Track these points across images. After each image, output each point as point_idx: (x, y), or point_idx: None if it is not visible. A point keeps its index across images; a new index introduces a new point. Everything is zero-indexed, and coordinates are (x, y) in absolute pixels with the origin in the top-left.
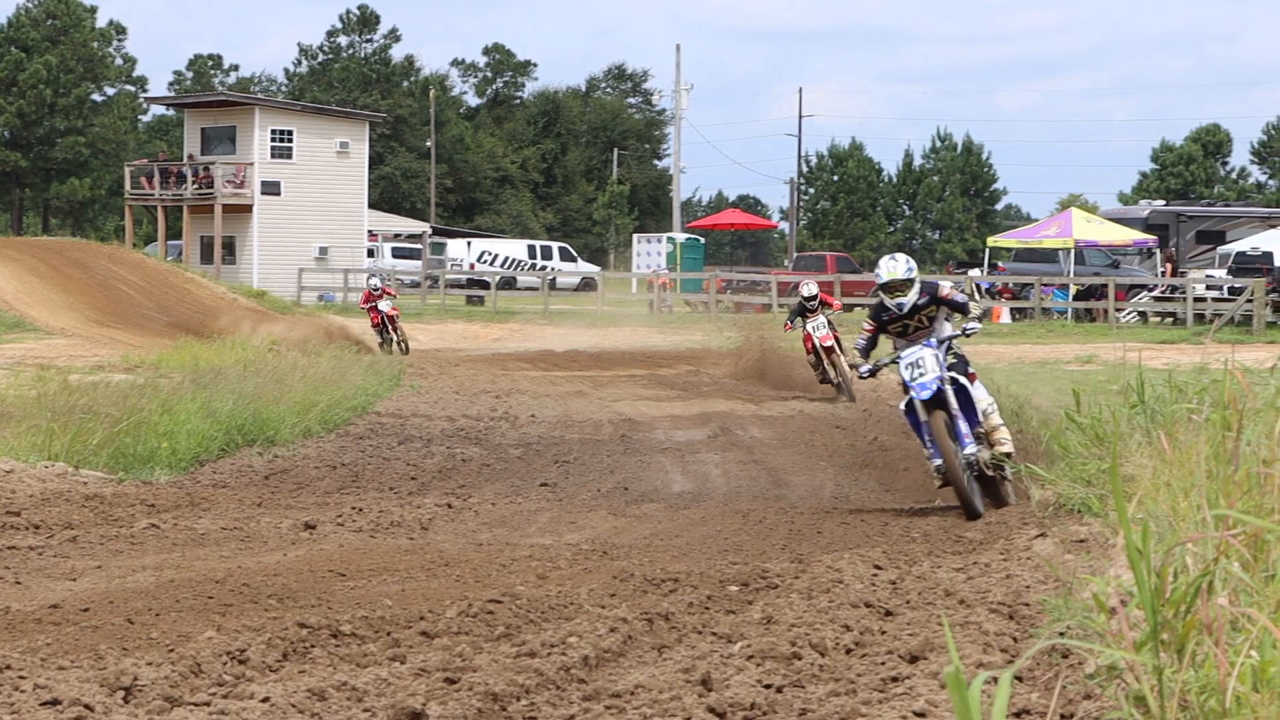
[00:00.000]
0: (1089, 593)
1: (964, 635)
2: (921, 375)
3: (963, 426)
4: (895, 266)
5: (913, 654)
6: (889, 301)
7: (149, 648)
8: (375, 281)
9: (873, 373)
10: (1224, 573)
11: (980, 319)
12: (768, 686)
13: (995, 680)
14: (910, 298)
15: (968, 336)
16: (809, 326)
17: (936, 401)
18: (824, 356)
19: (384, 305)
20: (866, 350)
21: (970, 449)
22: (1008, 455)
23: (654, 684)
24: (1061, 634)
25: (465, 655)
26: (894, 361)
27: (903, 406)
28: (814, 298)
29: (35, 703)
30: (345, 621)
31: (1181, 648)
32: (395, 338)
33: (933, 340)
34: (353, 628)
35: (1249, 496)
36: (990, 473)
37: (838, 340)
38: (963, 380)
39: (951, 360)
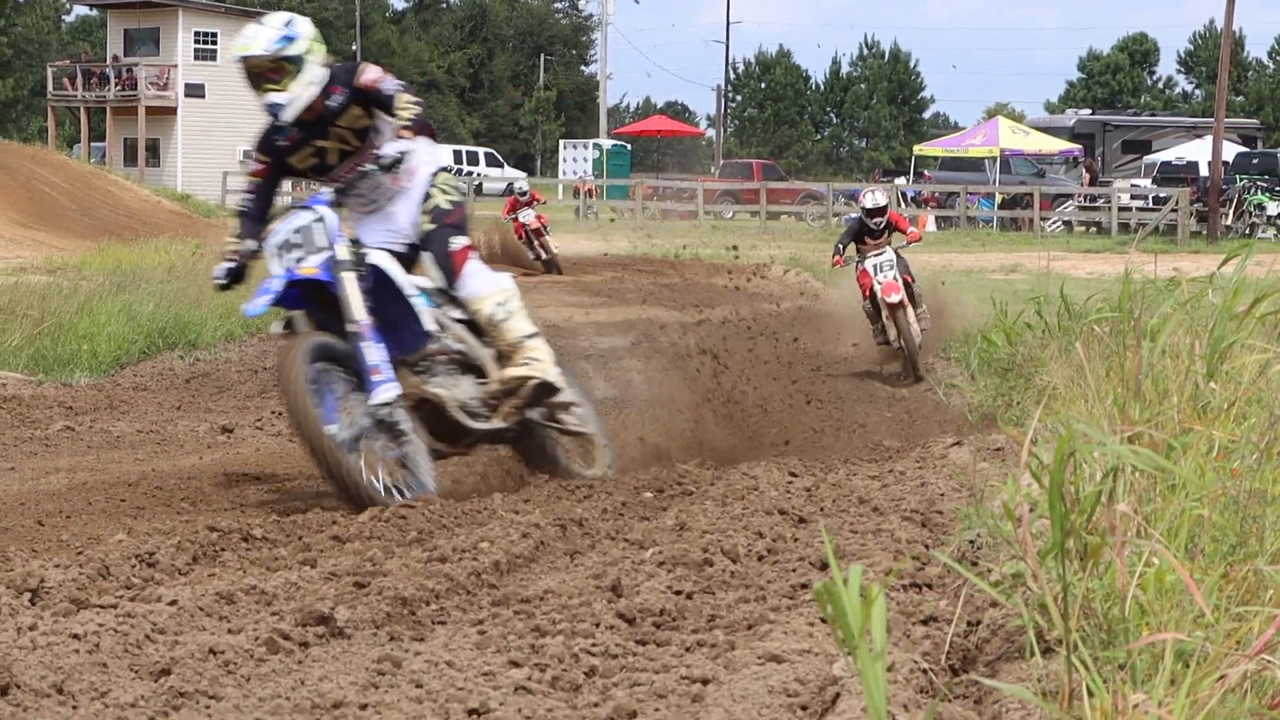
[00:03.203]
0: (999, 501)
1: (876, 542)
2: (299, 261)
3: (372, 355)
4: (255, 36)
5: (824, 561)
6: (264, 101)
7: (58, 550)
8: (521, 185)
9: (232, 277)
10: (1128, 480)
11: (410, 126)
12: (678, 593)
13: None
14: (299, 93)
15: (385, 170)
16: (869, 263)
17: (319, 304)
18: (886, 311)
19: (525, 216)
20: (256, 215)
21: (385, 393)
22: (534, 382)
23: (564, 589)
24: (972, 542)
25: (376, 560)
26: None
27: (277, 329)
28: (880, 212)
29: None
30: (257, 525)
31: (1085, 556)
32: (542, 255)
33: (323, 195)
34: (264, 532)
35: (1150, 407)
36: (502, 421)
37: (911, 287)
38: (386, 268)
39: (428, 228)
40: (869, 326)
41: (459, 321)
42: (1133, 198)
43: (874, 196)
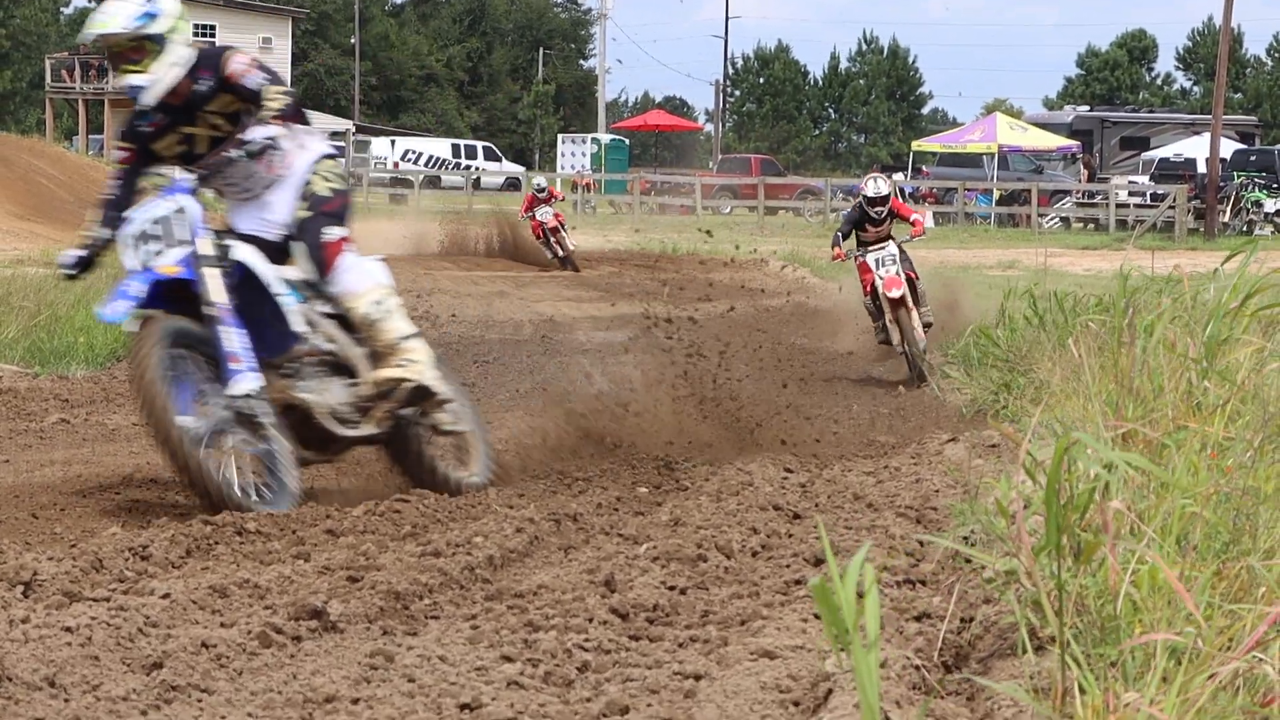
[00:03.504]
0: (993, 498)
1: (870, 538)
2: (158, 255)
3: (232, 341)
4: (113, 13)
5: (818, 557)
6: (123, 83)
7: (52, 543)
8: (539, 182)
9: (82, 265)
10: (1121, 477)
11: (281, 115)
12: (671, 588)
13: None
14: (161, 75)
15: (251, 157)
16: (870, 257)
17: (180, 303)
18: (888, 309)
19: (542, 214)
20: (118, 204)
21: (245, 383)
22: (409, 385)
23: (558, 585)
24: (966, 538)
25: (369, 554)
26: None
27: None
28: (882, 201)
29: None
30: (250, 519)
31: (1079, 553)
32: (559, 252)
33: (184, 183)
34: (258, 525)
35: (1142, 404)
36: (374, 427)
37: (915, 284)
38: (252, 264)
39: (302, 215)
40: (857, 325)
41: (329, 317)
42: (1130, 194)
43: (876, 185)
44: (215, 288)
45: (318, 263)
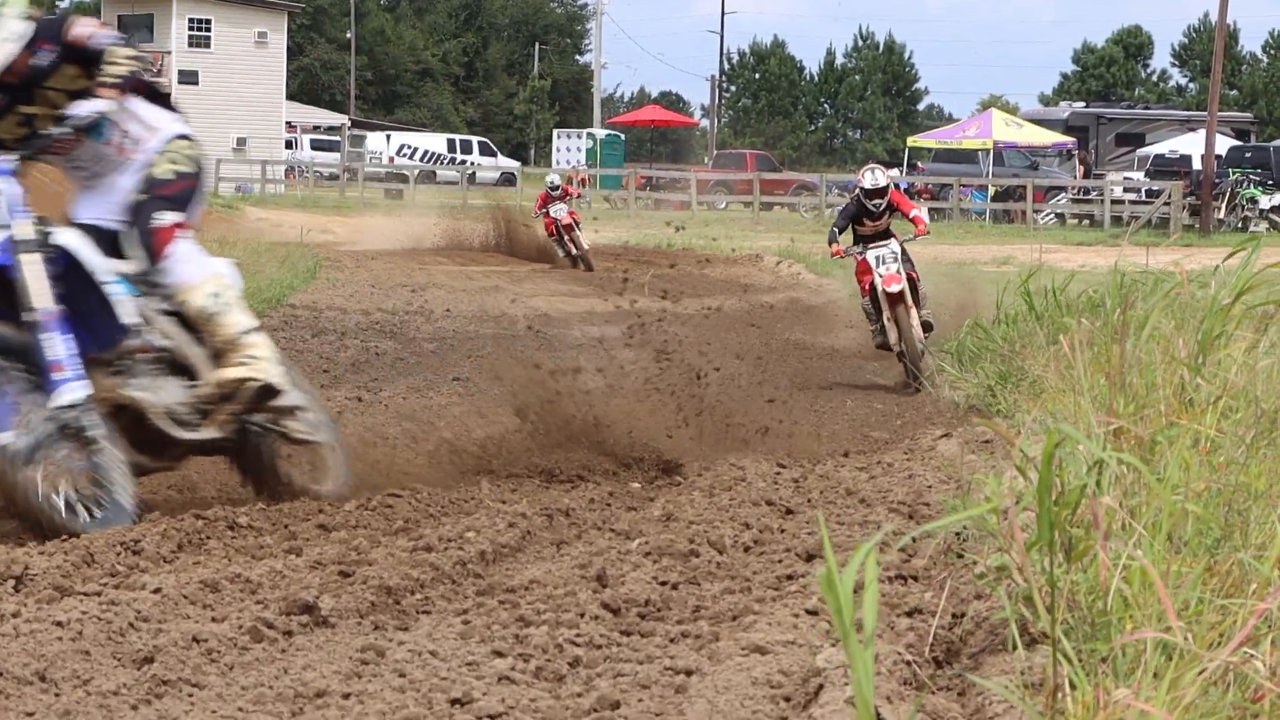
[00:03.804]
0: (985, 494)
1: (863, 534)
2: None
3: (56, 348)
4: None
5: (810, 552)
6: None
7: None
8: (553, 179)
9: None
10: (1112, 474)
11: (120, 85)
12: (663, 583)
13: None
14: None
15: (78, 132)
16: (871, 255)
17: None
18: (886, 308)
19: (556, 211)
20: None
21: (70, 393)
22: (253, 385)
23: (550, 579)
24: (958, 534)
25: (361, 549)
26: None
27: None
28: (880, 193)
29: None
30: (242, 513)
31: (1070, 549)
32: (573, 250)
33: (2, 165)
34: (250, 520)
35: (1134, 400)
36: (216, 430)
37: (915, 285)
38: (76, 250)
39: (137, 199)
40: (850, 320)
41: (167, 314)
42: (1126, 190)
43: (873, 176)
44: (36, 282)
45: (147, 249)
